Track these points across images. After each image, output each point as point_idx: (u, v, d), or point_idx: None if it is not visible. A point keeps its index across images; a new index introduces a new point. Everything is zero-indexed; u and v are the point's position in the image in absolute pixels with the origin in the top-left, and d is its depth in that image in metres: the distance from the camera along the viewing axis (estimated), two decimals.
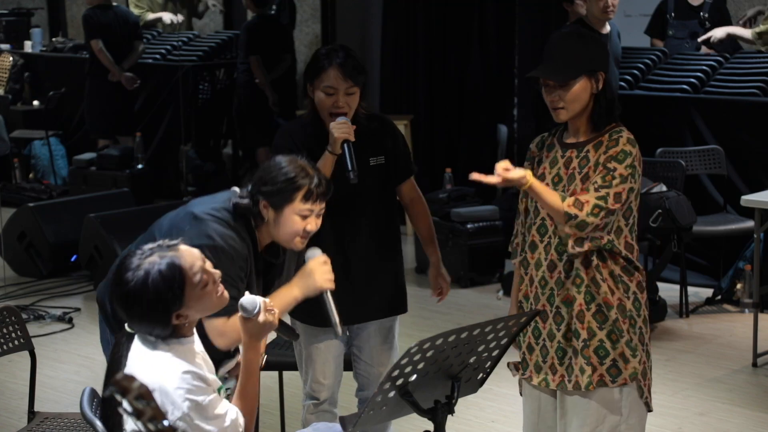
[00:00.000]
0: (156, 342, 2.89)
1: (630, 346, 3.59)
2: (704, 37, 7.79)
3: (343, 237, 4.05)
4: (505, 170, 3.48)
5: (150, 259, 2.86)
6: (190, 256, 2.91)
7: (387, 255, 4.18)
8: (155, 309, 2.85)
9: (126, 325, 2.96)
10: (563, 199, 3.51)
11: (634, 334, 3.62)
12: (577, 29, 5.72)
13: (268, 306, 3.01)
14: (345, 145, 3.90)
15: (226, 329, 3.30)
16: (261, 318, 2.98)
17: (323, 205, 3.51)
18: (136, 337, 2.93)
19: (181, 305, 2.87)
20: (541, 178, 3.66)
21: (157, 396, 2.77)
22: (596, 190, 3.50)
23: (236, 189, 3.59)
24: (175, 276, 2.85)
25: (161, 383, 2.81)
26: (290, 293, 3.47)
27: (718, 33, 7.76)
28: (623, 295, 3.60)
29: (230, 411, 2.94)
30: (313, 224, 3.48)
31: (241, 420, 2.97)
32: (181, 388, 2.82)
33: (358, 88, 3.97)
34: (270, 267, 3.64)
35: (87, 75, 9.63)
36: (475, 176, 3.49)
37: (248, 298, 2.99)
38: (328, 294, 3.46)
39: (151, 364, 2.85)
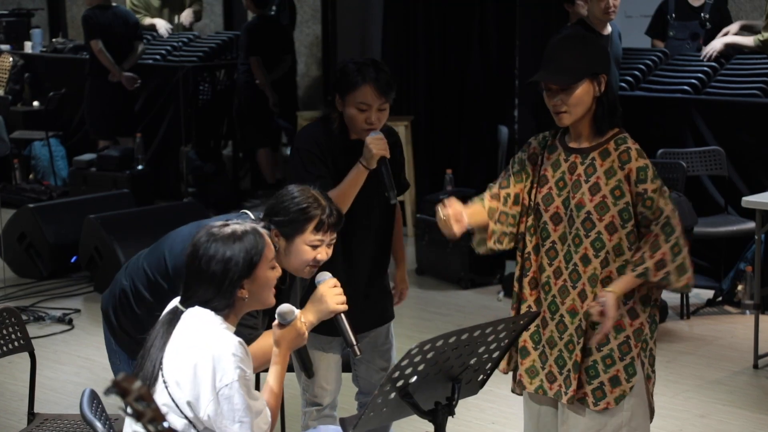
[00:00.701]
0: (211, 315, 2.97)
1: (628, 371, 3.56)
2: (705, 52, 7.78)
3: (351, 246, 4.05)
4: (601, 315, 3.45)
5: (237, 226, 3.02)
6: (269, 239, 3.09)
7: (386, 264, 4.22)
8: (232, 269, 2.95)
9: (179, 301, 3.03)
10: (645, 273, 3.47)
11: (645, 358, 3.60)
12: (577, 31, 5.72)
13: (302, 317, 3.16)
14: (382, 163, 3.88)
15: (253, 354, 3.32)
16: (297, 325, 3.12)
17: (334, 235, 3.49)
18: (185, 314, 2.99)
19: (251, 274, 2.98)
20: (543, 180, 3.64)
21: (208, 361, 2.87)
22: (656, 223, 3.49)
23: (249, 213, 3.58)
24: (259, 243, 3.00)
25: (217, 348, 2.89)
26: (305, 319, 3.40)
27: (717, 45, 7.76)
28: (646, 320, 3.58)
29: (262, 400, 3.00)
30: (324, 254, 3.47)
31: (269, 414, 3.01)
32: (236, 355, 2.89)
33: (390, 103, 3.97)
34: (278, 293, 3.63)
35: (87, 76, 9.63)
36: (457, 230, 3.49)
37: (286, 306, 3.12)
38: (342, 317, 3.41)
39: (208, 331, 2.94)
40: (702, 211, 6.92)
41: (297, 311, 3.13)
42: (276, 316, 3.11)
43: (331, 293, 3.39)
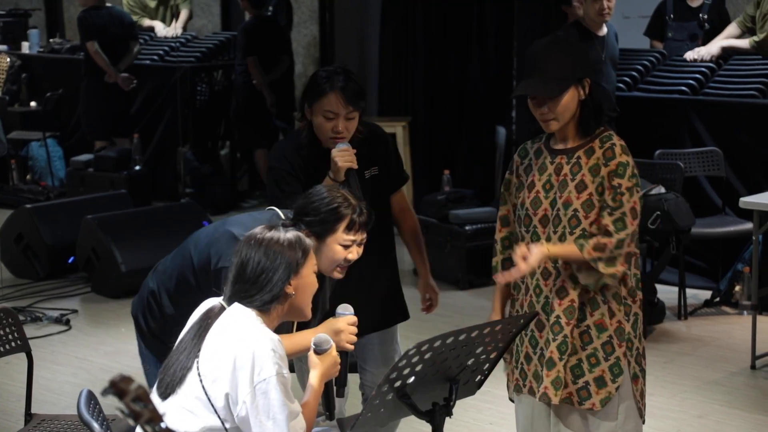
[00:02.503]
0: (252, 314, 2.99)
1: (613, 371, 3.56)
2: (699, 55, 7.81)
3: None
4: (523, 259, 3.45)
5: (283, 230, 3.07)
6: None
7: (384, 264, 4.18)
8: (281, 266, 2.98)
9: (223, 298, 3.06)
10: (582, 247, 3.48)
11: (631, 357, 3.59)
12: (556, 36, 5.70)
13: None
14: (349, 175, 3.85)
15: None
16: (333, 354, 3.15)
17: (365, 234, 3.47)
18: (227, 310, 3.02)
19: (298, 272, 3.00)
20: (531, 186, 3.64)
21: (248, 355, 2.88)
22: (610, 214, 3.49)
23: (277, 210, 3.57)
24: (305, 245, 3.05)
25: (257, 343, 2.90)
26: (310, 339, 3.36)
27: (713, 49, 7.78)
28: (624, 318, 3.58)
29: (298, 404, 2.99)
30: (355, 253, 3.45)
31: (304, 425, 3.01)
32: (275, 352, 2.90)
33: (358, 112, 3.93)
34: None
35: (83, 77, 9.62)
36: (501, 279, 3.57)
37: (322, 336, 3.15)
38: (346, 355, 3.39)
39: (248, 327, 2.96)
40: (699, 211, 6.92)
41: (332, 342, 3.15)
42: (312, 344, 3.13)
43: (347, 330, 3.36)
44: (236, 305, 3.01)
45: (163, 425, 1.96)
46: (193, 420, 2.92)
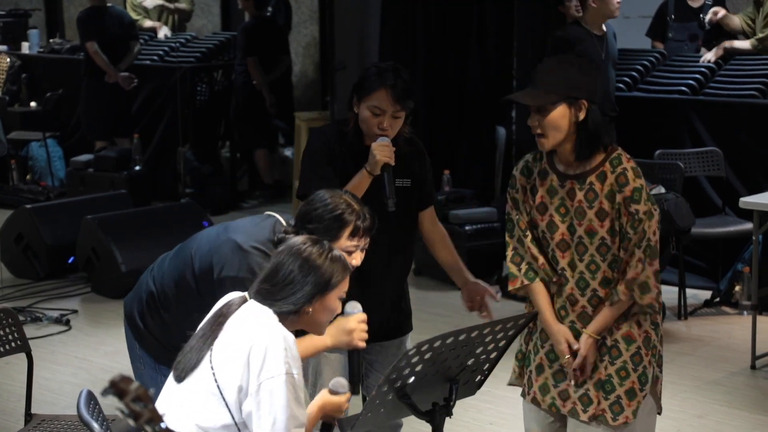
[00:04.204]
0: (270, 312, 2.98)
1: (641, 380, 3.55)
2: (704, 58, 7.83)
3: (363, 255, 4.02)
4: (570, 361, 3.52)
5: (334, 249, 3.07)
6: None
7: (402, 276, 4.18)
8: (312, 281, 2.97)
9: (248, 293, 3.04)
10: (615, 300, 3.49)
11: (655, 365, 3.60)
12: (575, 54, 5.67)
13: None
14: (384, 170, 3.86)
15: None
16: (345, 404, 3.14)
17: (368, 239, 3.44)
18: (245, 305, 3.01)
19: (325, 294, 3.00)
20: (541, 207, 3.59)
21: (261, 350, 2.87)
22: (637, 246, 3.46)
23: (278, 217, 3.55)
24: (344, 271, 3.03)
25: (272, 340, 2.89)
26: (322, 340, 3.37)
27: (717, 51, 7.79)
28: (650, 327, 3.58)
29: (305, 414, 2.98)
30: (358, 259, 3.43)
31: None
32: (288, 351, 2.89)
33: (405, 112, 3.94)
34: None
35: (83, 77, 9.62)
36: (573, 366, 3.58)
37: (342, 380, 3.16)
38: (359, 352, 3.40)
39: (266, 323, 2.95)
40: (700, 211, 6.92)
41: (348, 389, 3.14)
42: (330, 385, 3.13)
43: (359, 328, 3.35)
44: (255, 303, 3.01)
45: (163, 425, 1.97)
46: (209, 416, 2.91)
